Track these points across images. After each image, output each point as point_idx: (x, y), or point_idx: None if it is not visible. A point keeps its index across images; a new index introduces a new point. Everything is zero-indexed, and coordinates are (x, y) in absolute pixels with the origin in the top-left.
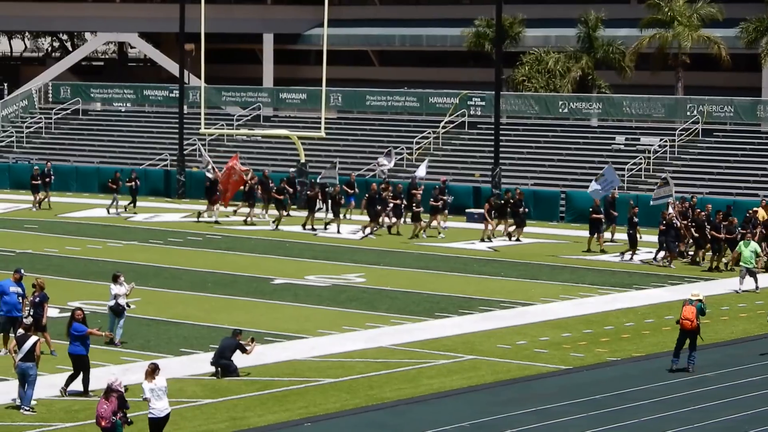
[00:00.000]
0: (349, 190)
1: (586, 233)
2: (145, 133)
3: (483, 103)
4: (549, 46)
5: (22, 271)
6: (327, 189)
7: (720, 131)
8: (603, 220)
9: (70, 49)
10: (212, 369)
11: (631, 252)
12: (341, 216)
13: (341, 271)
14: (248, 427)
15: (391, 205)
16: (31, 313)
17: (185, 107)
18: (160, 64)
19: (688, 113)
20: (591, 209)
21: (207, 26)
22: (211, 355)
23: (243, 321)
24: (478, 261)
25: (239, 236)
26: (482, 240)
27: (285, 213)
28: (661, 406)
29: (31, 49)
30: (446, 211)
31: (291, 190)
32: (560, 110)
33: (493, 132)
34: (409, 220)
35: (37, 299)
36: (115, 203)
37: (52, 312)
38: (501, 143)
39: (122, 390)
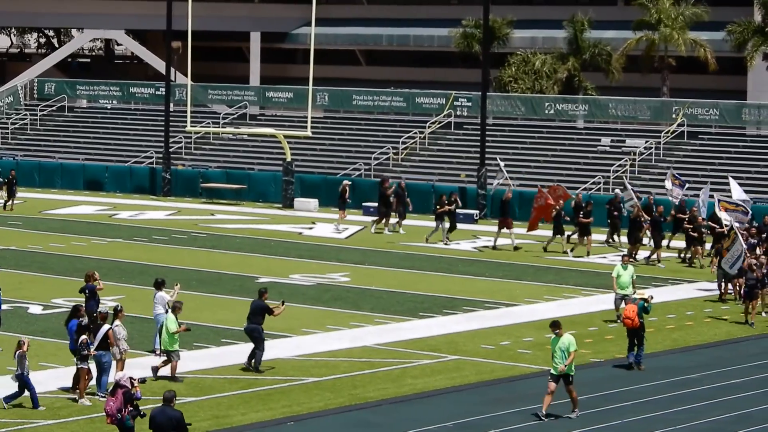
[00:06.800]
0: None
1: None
2: (131, 131)
3: (469, 104)
4: (536, 47)
5: None
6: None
7: (705, 134)
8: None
9: (57, 45)
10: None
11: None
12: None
13: (326, 270)
14: (231, 426)
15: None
16: None
17: (171, 105)
18: (146, 61)
19: (674, 116)
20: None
21: (194, 24)
22: (194, 353)
23: (228, 319)
24: (463, 261)
25: (224, 235)
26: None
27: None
28: (646, 407)
29: (17, 46)
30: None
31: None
32: (546, 111)
33: (479, 132)
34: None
35: None
36: (441, 229)
37: (35, 309)
38: (487, 144)
39: (128, 385)
